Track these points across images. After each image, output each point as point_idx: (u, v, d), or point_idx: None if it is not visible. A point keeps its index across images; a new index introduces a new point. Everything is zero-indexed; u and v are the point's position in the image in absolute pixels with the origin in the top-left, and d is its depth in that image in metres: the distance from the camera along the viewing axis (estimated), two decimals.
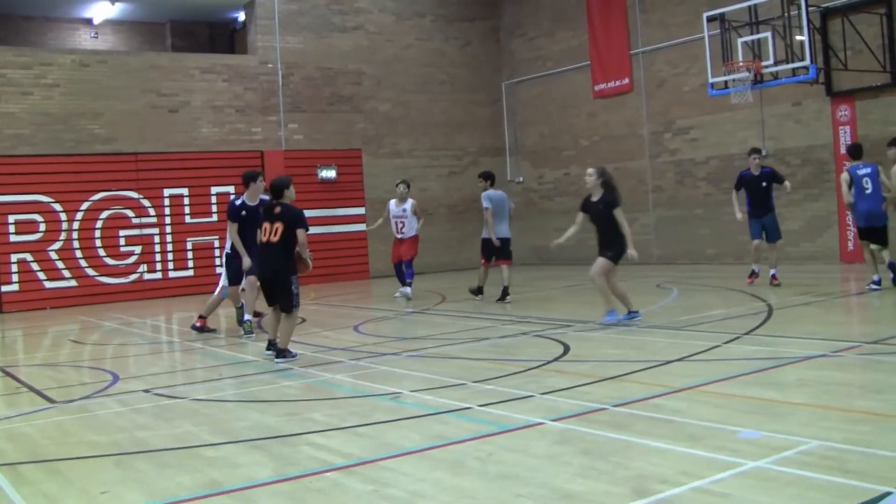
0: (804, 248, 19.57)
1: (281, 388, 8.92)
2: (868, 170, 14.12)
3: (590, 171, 12.20)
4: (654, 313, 12.95)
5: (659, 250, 22.90)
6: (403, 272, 17.72)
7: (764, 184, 15.42)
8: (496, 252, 15.73)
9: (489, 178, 16.18)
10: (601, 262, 11.75)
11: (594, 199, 12.02)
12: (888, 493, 4.51)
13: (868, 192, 13.98)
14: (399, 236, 17.76)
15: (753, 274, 15.82)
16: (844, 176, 14.33)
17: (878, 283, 13.77)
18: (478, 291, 16.31)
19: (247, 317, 13.22)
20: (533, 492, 5.00)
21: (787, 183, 15.57)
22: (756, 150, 15.92)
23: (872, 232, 14.05)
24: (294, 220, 10.39)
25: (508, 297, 15.63)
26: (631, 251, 11.79)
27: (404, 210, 17.74)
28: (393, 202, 17.99)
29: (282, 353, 10.38)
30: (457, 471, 5.52)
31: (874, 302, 13.04)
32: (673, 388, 7.54)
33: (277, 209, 10.48)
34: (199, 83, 22.81)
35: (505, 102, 27.24)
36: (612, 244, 11.77)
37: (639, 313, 11.94)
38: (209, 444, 6.65)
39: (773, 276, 15.40)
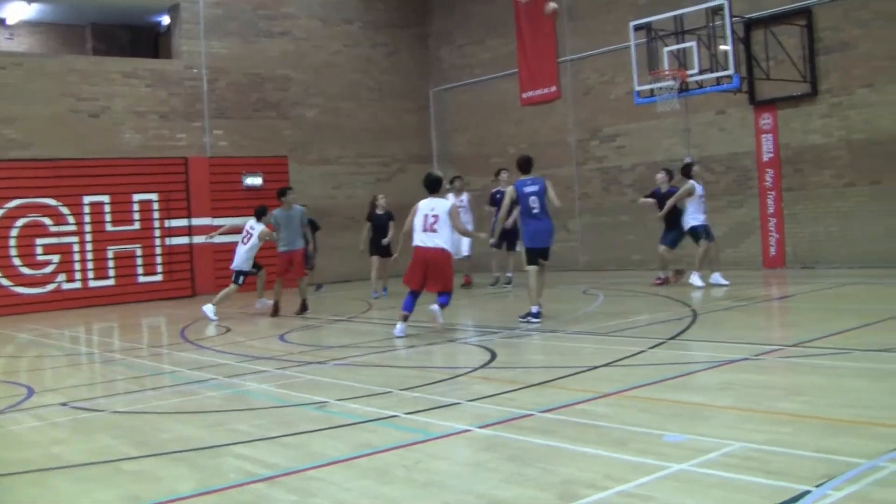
0: (727, 254, 19.82)
1: (204, 399, 8.75)
2: (536, 187, 12.86)
3: None
4: (579, 319, 13.00)
5: (586, 256, 23.04)
6: None
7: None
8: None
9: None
10: None
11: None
12: (807, 492, 4.56)
13: (535, 210, 12.82)
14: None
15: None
16: (510, 190, 13.17)
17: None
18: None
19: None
20: (460, 499, 4.96)
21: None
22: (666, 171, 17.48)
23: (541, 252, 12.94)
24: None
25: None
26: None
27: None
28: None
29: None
30: (383, 479, 5.45)
31: (795, 306, 13.23)
32: (599, 392, 7.54)
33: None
34: (121, 88, 22.34)
35: (433, 110, 27.25)
36: None
37: None
38: (129, 458, 6.44)
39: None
